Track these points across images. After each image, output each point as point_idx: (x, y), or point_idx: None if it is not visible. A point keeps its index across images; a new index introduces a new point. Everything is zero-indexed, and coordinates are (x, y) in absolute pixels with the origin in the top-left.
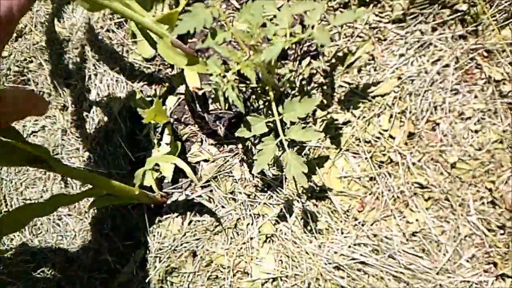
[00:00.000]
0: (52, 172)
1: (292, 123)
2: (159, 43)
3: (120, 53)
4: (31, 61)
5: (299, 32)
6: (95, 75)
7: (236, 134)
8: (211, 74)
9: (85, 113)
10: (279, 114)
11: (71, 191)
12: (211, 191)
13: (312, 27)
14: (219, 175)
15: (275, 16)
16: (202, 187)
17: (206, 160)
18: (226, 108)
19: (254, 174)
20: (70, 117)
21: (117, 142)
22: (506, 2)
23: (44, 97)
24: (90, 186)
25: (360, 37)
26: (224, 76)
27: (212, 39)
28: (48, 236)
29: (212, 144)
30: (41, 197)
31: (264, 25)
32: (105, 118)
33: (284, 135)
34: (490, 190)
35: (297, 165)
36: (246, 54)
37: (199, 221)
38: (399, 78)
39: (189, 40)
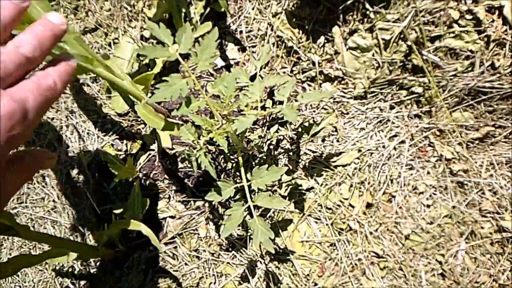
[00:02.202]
0: (19, 237)
1: (260, 189)
2: (138, 105)
3: (94, 106)
4: None
5: (269, 104)
6: (67, 126)
7: (206, 198)
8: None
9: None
10: (248, 180)
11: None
12: (175, 247)
13: (281, 102)
14: (185, 232)
15: (247, 86)
16: (167, 243)
17: (172, 217)
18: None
19: (218, 233)
20: None
21: (84, 194)
22: (457, 88)
23: (54, 154)
24: None
25: (325, 109)
26: (197, 143)
27: (187, 107)
28: (5, 286)
29: (179, 201)
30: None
31: (237, 95)
32: (74, 170)
33: (252, 201)
34: (440, 262)
35: (265, 232)
36: (218, 122)
37: (161, 277)
38: (359, 150)
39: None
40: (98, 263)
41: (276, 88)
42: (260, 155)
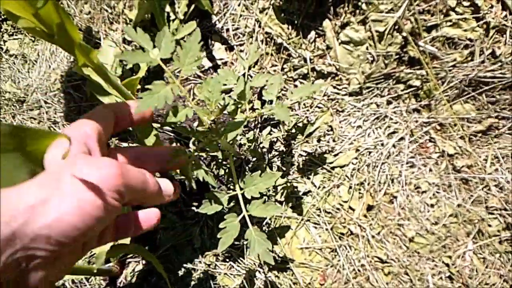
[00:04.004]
0: None
1: (254, 197)
2: None
3: (77, 115)
4: None
5: (258, 104)
6: None
7: (199, 211)
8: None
9: None
10: (241, 188)
11: None
12: (169, 260)
13: (271, 102)
14: (178, 243)
15: (232, 90)
16: (160, 256)
17: (165, 228)
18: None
19: (214, 242)
20: None
21: None
22: (457, 79)
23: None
24: None
25: (319, 107)
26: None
27: (174, 117)
28: None
29: (171, 212)
30: None
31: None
32: None
33: (247, 211)
34: (447, 265)
35: (262, 242)
36: (207, 131)
37: None
38: (357, 149)
39: None
40: (90, 280)
41: (265, 87)
42: (253, 159)
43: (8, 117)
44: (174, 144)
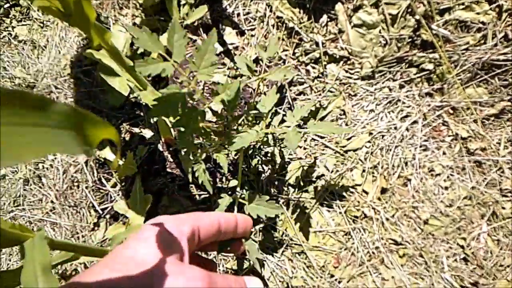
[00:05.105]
0: None
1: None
2: (143, 92)
3: (88, 101)
4: None
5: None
6: None
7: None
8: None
9: (49, 163)
10: (241, 199)
11: None
12: None
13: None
14: None
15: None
16: None
17: (177, 213)
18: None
19: None
20: (33, 167)
21: (83, 193)
22: (470, 63)
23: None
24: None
25: (331, 92)
26: (196, 155)
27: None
28: None
29: (183, 196)
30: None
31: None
32: (71, 168)
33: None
34: (462, 246)
35: (255, 251)
36: (217, 140)
37: None
38: (370, 133)
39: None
40: None
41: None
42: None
43: None
44: None
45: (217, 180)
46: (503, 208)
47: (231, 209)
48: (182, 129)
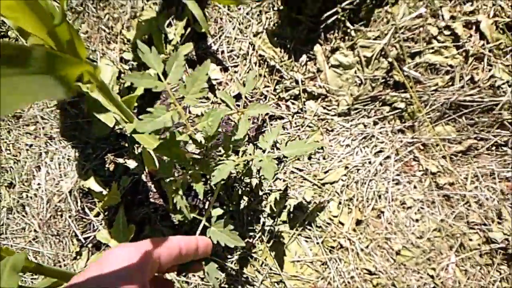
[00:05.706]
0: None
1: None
2: (129, 124)
3: (73, 131)
4: None
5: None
6: (46, 152)
7: None
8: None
9: (33, 192)
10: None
11: None
12: (162, 274)
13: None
14: None
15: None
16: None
17: None
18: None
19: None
20: (16, 196)
21: (66, 222)
22: (439, 103)
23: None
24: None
25: (310, 127)
26: (175, 181)
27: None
28: None
29: (165, 226)
30: None
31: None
32: (54, 197)
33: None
34: (432, 276)
35: (214, 271)
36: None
37: None
38: (346, 167)
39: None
40: None
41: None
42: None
43: (3, 132)
44: None
45: (200, 205)
46: (470, 240)
47: (194, 229)
48: (165, 158)
